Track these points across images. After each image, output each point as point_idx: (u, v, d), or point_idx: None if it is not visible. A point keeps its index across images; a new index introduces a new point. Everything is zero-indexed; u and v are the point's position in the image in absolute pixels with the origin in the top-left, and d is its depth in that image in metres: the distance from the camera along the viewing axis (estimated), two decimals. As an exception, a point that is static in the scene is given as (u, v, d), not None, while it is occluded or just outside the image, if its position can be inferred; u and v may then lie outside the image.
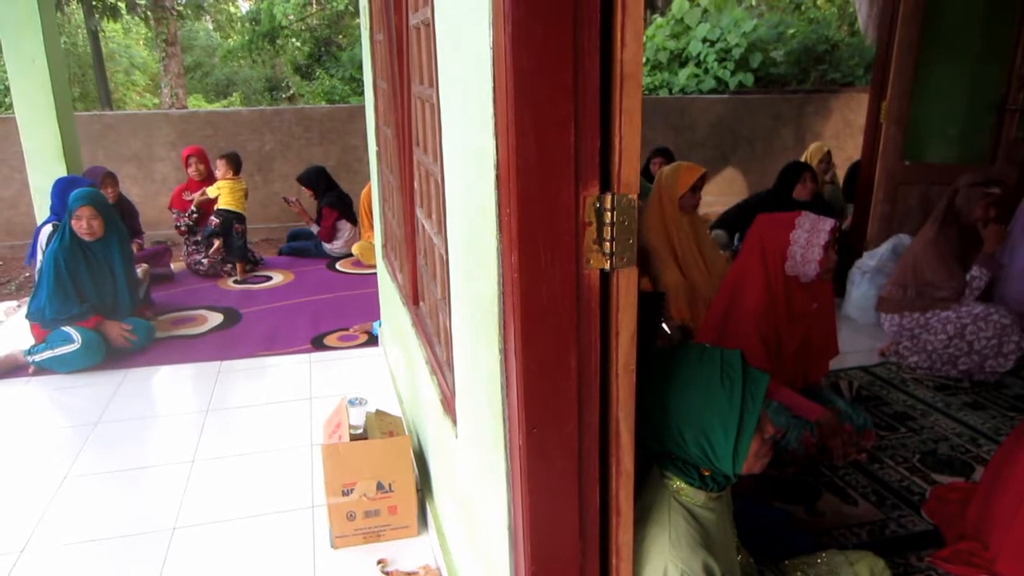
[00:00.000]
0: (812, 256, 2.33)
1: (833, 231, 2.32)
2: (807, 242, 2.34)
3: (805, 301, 2.42)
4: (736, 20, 8.42)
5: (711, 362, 1.33)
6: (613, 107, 1.04)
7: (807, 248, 2.34)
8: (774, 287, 2.39)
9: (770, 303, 2.39)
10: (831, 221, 2.34)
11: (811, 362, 2.58)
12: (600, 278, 1.10)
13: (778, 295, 2.40)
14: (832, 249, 2.34)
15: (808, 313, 2.44)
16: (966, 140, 4.24)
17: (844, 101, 7.46)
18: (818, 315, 2.48)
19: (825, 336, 2.56)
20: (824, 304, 2.49)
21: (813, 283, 2.40)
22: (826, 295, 2.49)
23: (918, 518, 2.26)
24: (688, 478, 1.39)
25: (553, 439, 1.15)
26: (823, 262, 2.32)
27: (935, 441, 2.71)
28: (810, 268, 2.34)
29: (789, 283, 2.40)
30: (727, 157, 7.29)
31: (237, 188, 5.41)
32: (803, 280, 2.38)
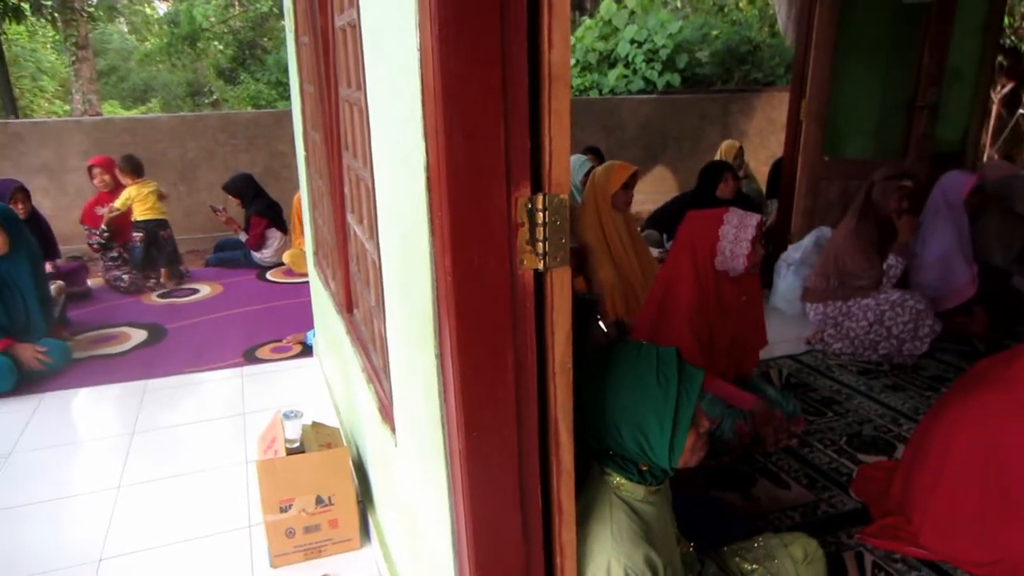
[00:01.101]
0: (740, 251, 2.40)
1: (759, 226, 2.40)
2: (735, 237, 2.41)
3: (735, 295, 2.49)
4: (662, 22, 8.60)
5: (647, 360, 1.35)
6: (542, 108, 1.05)
7: (735, 243, 2.41)
8: (705, 282, 2.45)
9: (701, 298, 2.45)
10: (757, 216, 2.42)
11: (743, 354, 2.67)
12: (534, 278, 1.10)
13: (709, 290, 2.46)
14: (759, 243, 2.42)
15: (738, 306, 2.51)
16: (880, 136, 4.43)
17: (767, 100, 7.70)
18: (747, 308, 2.56)
19: (754, 328, 2.64)
20: (752, 297, 2.57)
21: (742, 277, 2.47)
22: (754, 288, 2.57)
23: (847, 497, 2.34)
24: (627, 473, 1.41)
25: (493, 442, 1.14)
26: (751, 256, 2.40)
27: (860, 423, 2.82)
28: (739, 262, 2.41)
29: (719, 278, 2.47)
30: (656, 156, 7.43)
31: (145, 192, 5.14)
32: (732, 274, 2.45)
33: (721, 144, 5.91)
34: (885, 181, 3.44)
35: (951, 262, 3.70)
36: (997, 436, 1.91)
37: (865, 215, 3.48)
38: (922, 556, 2.04)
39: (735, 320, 2.54)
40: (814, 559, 1.72)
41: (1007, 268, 4.00)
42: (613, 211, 3.82)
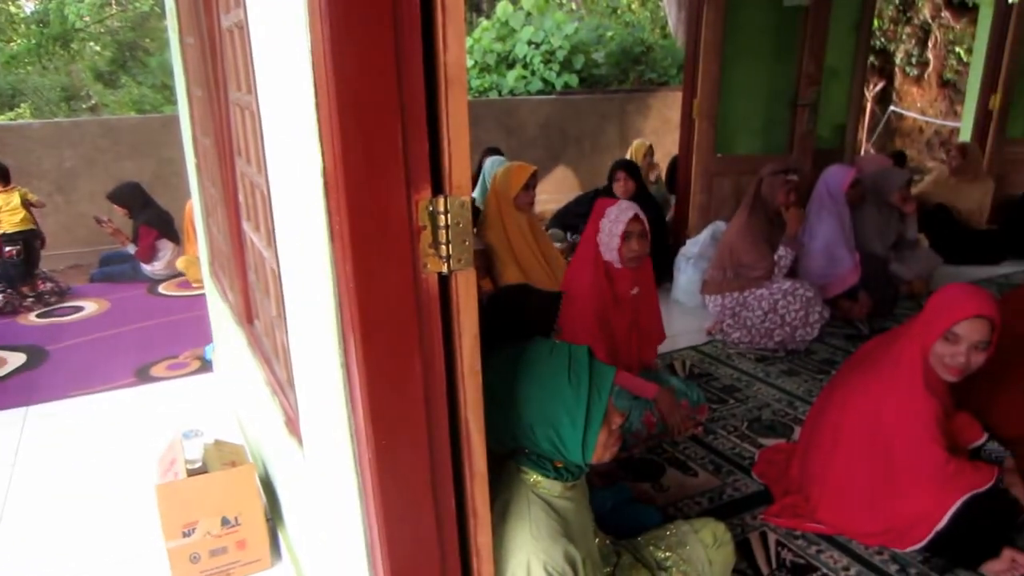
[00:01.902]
0: (613, 244, 2.51)
1: (631, 221, 2.48)
2: (609, 231, 2.52)
3: (625, 286, 2.59)
4: (558, 23, 8.72)
5: (559, 358, 1.36)
6: (440, 110, 1.04)
7: (610, 237, 2.52)
8: (598, 271, 2.56)
9: (597, 286, 2.54)
10: (631, 212, 2.50)
11: (644, 345, 2.75)
12: (439, 282, 1.09)
13: (602, 279, 2.56)
14: (636, 239, 2.50)
15: (631, 297, 2.61)
16: (767, 133, 4.65)
17: (661, 99, 7.95)
18: (641, 300, 2.66)
19: (651, 320, 2.75)
20: (644, 289, 2.67)
21: (632, 269, 2.57)
22: (645, 281, 2.68)
23: (750, 480, 2.44)
24: (543, 471, 1.42)
25: (403, 449, 1.13)
26: (622, 250, 2.50)
27: (759, 408, 2.95)
28: (613, 255, 2.52)
29: (608, 267, 2.57)
30: (558, 156, 7.53)
31: (11, 202, 4.81)
32: (616, 266, 2.55)
33: (632, 144, 6.05)
34: (772, 176, 3.61)
35: (835, 251, 3.92)
36: (881, 414, 2.04)
37: (755, 209, 3.64)
38: (820, 531, 2.15)
39: (631, 311, 2.63)
40: (722, 542, 1.79)
41: (885, 255, 4.28)
42: (516, 212, 3.85)
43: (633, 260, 2.54)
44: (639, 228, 2.51)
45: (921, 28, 11.35)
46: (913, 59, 11.34)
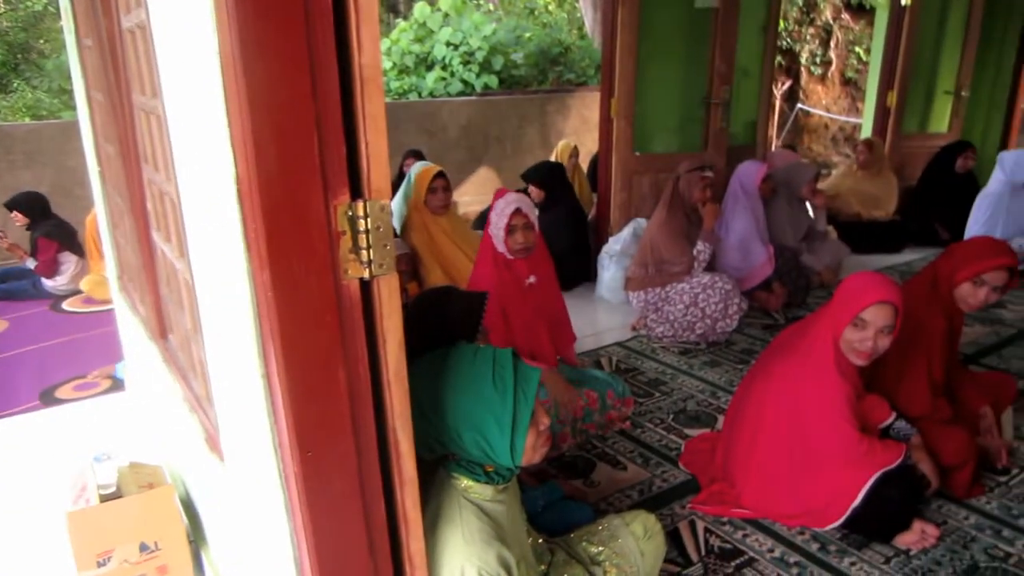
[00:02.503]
0: (500, 236, 2.60)
1: (513, 215, 2.57)
2: (496, 224, 2.62)
3: (520, 275, 2.67)
4: (476, 24, 8.73)
5: (483, 362, 1.36)
6: (356, 112, 1.02)
7: (497, 229, 2.62)
8: (496, 262, 2.66)
9: (497, 277, 2.64)
10: (513, 207, 2.58)
11: (558, 340, 2.82)
12: (361, 287, 1.07)
13: (501, 269, 2.66)
14: (520, 231, 2.59)
15: (527, 288, 2.68)
16: (683, 131, 4.77)
17: (580, 99, 8.05)
18: (542, 291, 2.74)
19: (556, 310, 2.84)
20: (543, 280, 2.74)
21: (527, 259, 2.67)
22: (543, 272, 2.75)
23: (678, 470, 2.50)
24: (474, 475, 1.41)
25: (330, 460, 1.10)
26: (508, 242, 2.59)
27: (684, 400, 3.02)
28: (502, 247, 2.61)
29: (503, 259, 2.67)
30: (480, 157, 7.54)
31: None
32: (508, 256, 2.64)
33: (557, 145, 6.10)
34: (689, 173, 3.71)
35: (750, 244, 4.06)
36: (798, 399, 2.12)
37: (674, 206, 3.73)
38: (745, 516, 2.22)
39: (532, 302, 2.69)
40: (653, 533, 1.82)
41: (797, 247, 4.46)
42: (433, 215, 3.85)
43: (520, 251, 2.64)
44: (523, 221, 2.61)
45: (823, 29, 11.88)
46: (817, 59, 11.86)
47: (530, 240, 2.64)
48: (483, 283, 2.62)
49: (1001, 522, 2.21)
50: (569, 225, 4.46)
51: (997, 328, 3.90)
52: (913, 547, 2.08)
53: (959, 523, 2.21)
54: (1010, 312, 4.16)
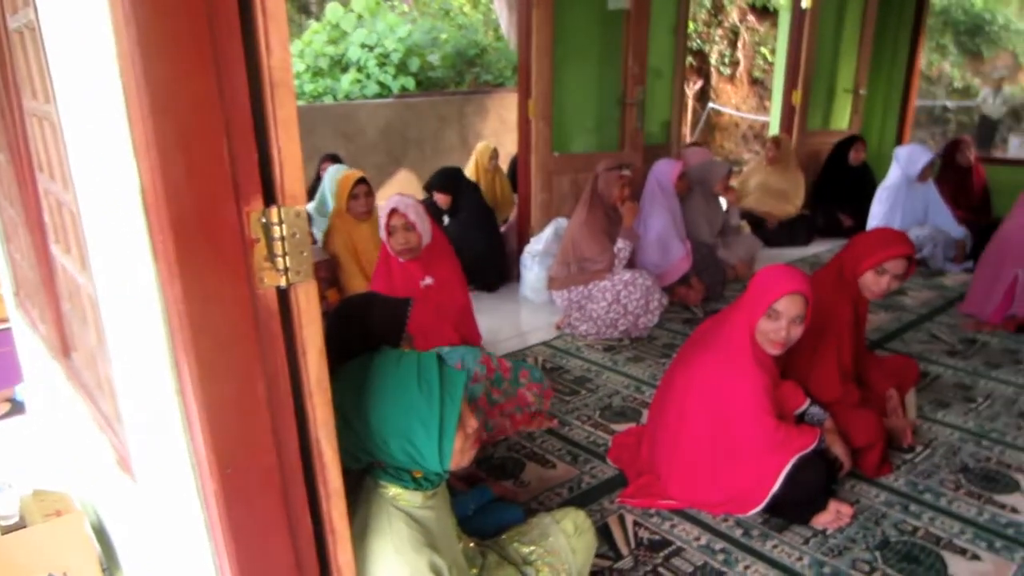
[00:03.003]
0: (384, 239, 2.71)
1: (390, 215, 2.66)
2: (382, 227, 2.71)
3: (414, 277, 2.75)
4: (391, 26, 8.64)
5: (408, 367, 1.34)
6: (267, 116, 0.99)
7: (382, 231, 2.72)
8: (389, 265, 2.77)
9: (388, 280, 2.73)
10: (389, 207, 2.66)
11: (468, 339, 2.87)
12: (278, 296, 1.04)
13: (393, 272, 2.75)
14: (400, 232, 2.67)
15: (423, 289, 2.74)
16: (600, 131, 4.85)
17: (498, 101, 8.07)
18: (442, 291, 2.79)
19: (460, 312, 2.88)
20: (441, 281, 2.80)
21: (418, 260, 2.74)
22: (441, 273, 2.81)
23: (606, 466, 2.54)
24: (402, 483, 1.39)
25: (251, 476, 1.06)
26: (390, 244, 2.69)
27: (609, 396, 3.07)
28: (391, 249, 2.70)
29: (395, 261, 2.76)
30: (399, 160, 7.46)
31: None
32: (399, 259, 2.72)
33: (476, 146, 6.09)
34: (607, 172, 3.77)
35: (669, 241, 4.16)
36: (718, 390, 2.18)
37: (594, 205, 3.78)
38: (672, 507, 2.27)
39: (431, 301, 2.73)
40: (583, 529, 1.84)
41: (713, 242, 4.59)
42: (356, 221, 3.80)
43: (405, 252, 2.70)
44: (401, 222, 2.67)
45: (731, 30, 12.31)
46: (726, 59, 12.27)
47: (412, 241, 2.69)
48: (376, 287, 2.70)
49: (908, 498, 2.34)
50: (479, 227, 4.47)
51: (899, 314, 4.13)
52: (829, 526, 2.17)
53: (871, 501, 2.32)
54: (911, 299, 4.41)
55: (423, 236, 2.73)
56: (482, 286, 4.41)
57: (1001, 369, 3.33)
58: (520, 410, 2.78)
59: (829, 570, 2.00)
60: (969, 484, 2.41)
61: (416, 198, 2.79)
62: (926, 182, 5.07)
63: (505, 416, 2.73)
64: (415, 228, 2.69)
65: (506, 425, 2.71)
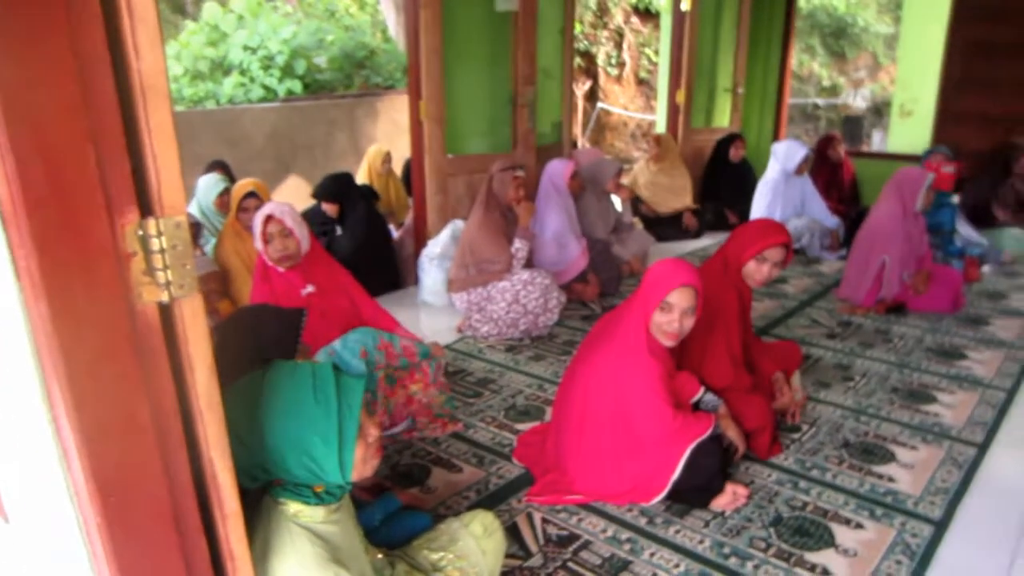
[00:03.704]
0: (260, 247, 2.63)
1: (265, 222, 2.59)
2: (255, 236, 2.64)
3: (295, 286, 2.69)
4: (274, 27, 8.36)
5: (302, 379, 1.30)
6: (140, 123, 0.94)
7: (256, 241, 2.65)
8: (268, 274, 2.70)
9: (268, 288, 2.67)
10: (264, 214, 2.60)
11: None
12: (160, 312, 0.99)
13: (273, 283, 2.69)
14: (277, 239, 2.60)
15: (305, 298, 2.69)
16: (493, 132, 4.87)
17: (390, 103, 7.97)
18: (324, 299, 2.73)
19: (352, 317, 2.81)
20: (325, 288, 2.75)
21: (297, 268, 2.67)
22: (324, 280, 2.76)
23: (512, 465, 2.55)
24: (303, 499, 1.35)
25: (138, 504, 1.00)
26: (267, 252, 2.61)
27: (513, 396, 3.09)
28: (267, 258, 2.64)
29: (274, 270, 2.68)
30: (289, 166, 7.24)
31: None
32: (279, 269, 2.66)
33: (369, 150, 5.99)
34: (501, 173, 3.79)
35: (564, 239, 4.23)
36: (618, 383, 2.23)
37: (489, 206, 3.80)
38: (579, 501, 2.31)
39: (316, 310, 2.66)
40: (492, 531, 1.84)
41: (607, 239, 4.71)
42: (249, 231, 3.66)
43: (283, 260, 2.62)
44: (278, 228, 2.60)
45: (616, 32, 12.66)
46: (613, 60, 12.61)
47: (290, 247, 2.62)
48: (257, 299, 2.60)
49: (798, 475, 2.47)
50: (368, 235, 4.40)
51: (782, 301, 4.36)
52: (727, 508, 2.27)
53: (764, 481, 2.44)
54: (791, 286, 4.67)
55: (302, 243, 2.65)
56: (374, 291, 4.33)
57: (874, 348, 3.58)
58: (434, 363, 2.77)
59: (729, 550, 2.09)
60: (851, 458, 2.58)
61: (292, 205, 2.71)
62: (802, 176, 5.39)
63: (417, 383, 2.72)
64: (293, 234, 2.62)
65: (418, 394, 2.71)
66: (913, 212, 4.00)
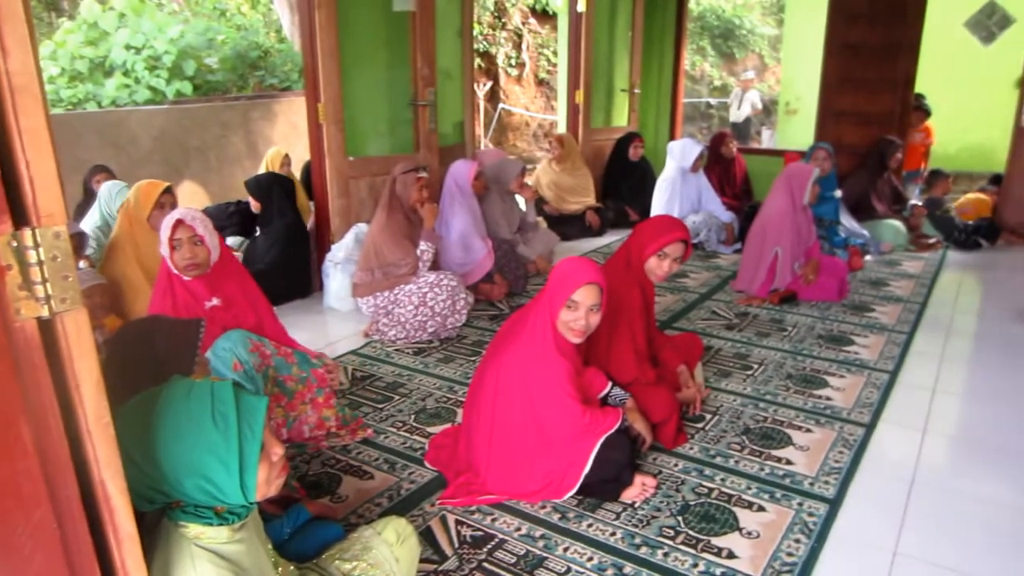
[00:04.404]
0: (166, 253, 2.50)
1: (176, 228, 2.47)
2: (161, 240, 2.51)
3: (199, 297, 2.58)
4: (159, 26, 7.98)
5: (199, 399, 1.24)
6: (9, 128, 0.87)
7: (162, 246, 2.51)
8: (172, 283, 2.56)
9: (169, 299, 2.54)
10: (174, 219, 2.48)
11: None
12: (41, 328, 0.92)
13: (176, 290, 2.55)
14: (188, 246, 2.49)
15: (209, 311, 2.58)
16: (394, 134, 4.82)
17: (287, 105, 7.75)
18: (229, 313, 2.64)
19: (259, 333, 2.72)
20: (231, 301, 2.65)
21: (204, 279, 2.56)
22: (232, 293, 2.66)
23: (424, 470, 2.53)
24: (204, 520, 1.29)
25: (21, 533, 0.94)
26: (173, 259, 2.49)
27: (423, 399, 3.07)
28: (172, 265, 2.52)
29: (180, 281, 2.56)
30: (181, 171, 6.93)
31: None
32: (184, 278, 2.55)
33: (267, 153, 5.80)
34: (404, 175, 3.76)
35: (470, 240, 4.24)
36: (527, 382, 2.25)
37: (393, 208, 3.76)
38: (492, 501, 2.31)
39: (218, 324, 2.58)
40: (406, 536, 1.82)
41: (513, 239, 4.74)
42: (153, 236, 3.47)
43: (190, 269, 2.50)
44: (188, 234, 2.48)
45: (515, 33, 12.77)
46: (512, 61, 12.71)
47: (199, 256, 2.50)
48: (155, 311, 2.46)
49: (702, 463, 2.56)
50: (287, 239, 4.30)
51: (683, 295, 4.51)
52: (637, 499, 2.33)
53: (671, 470, 2.52)
54: (692, 280, 4.84)
55: (212, 252, 2.54)
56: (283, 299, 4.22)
57: (770, 337, 3.76)
58: (322, 392, 2.70)
59: (639, 540, 2.14)
60: (751, 444, 2.69)
61: (203, 212, 2.60)
62: (697, 172, 5.60)
63: (307, 403, 2.64)
64: (203, 242, 2.50)
65: (308, 413, 2.63)
66: (802, 206, 4.22)
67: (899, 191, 6.03)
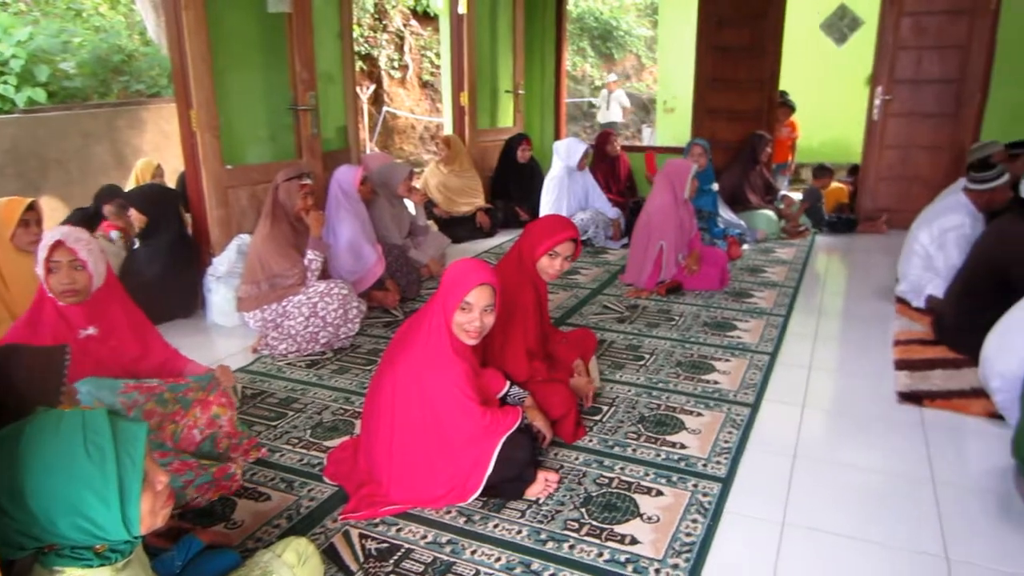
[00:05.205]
0: (42, 277, 2.32)
1: (54, 249, 2.29)
2: (38, 262, 2.32)
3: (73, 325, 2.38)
4: (4, 27, 7.38)
5: (71, 430, 1.14)
6: None
7: (39, 268, 2.32)
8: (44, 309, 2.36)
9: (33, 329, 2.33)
10: (55, 238, 2.30)
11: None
12: None
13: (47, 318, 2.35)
14: (67, 270, 2.30)
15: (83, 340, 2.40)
16: (275, 140, 4.65)
17: (156, 112, 7.34)
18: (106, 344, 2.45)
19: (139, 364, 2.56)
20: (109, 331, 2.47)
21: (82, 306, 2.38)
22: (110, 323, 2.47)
23: (324, 485, 2.45)
24: (83, 562, 1.19)
25: None
26: (49, 283, 2.31)
27: (319, 413, 2.97)
28: (48, 290, 2.33)
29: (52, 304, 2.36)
30: (39, 185, 6.42)
31: None
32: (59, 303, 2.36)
33: (137, 164, 5.46)
34: (287, 182, 3.63)
35: (360, 247, 4.15)
36: (425, 386, 2.22)
37: (277, 217, 3.63)
38: (397, 511, 2.27)
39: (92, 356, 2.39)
40: (308, 556, 1.76)
41: (403, 243, 4.68)
42: (18, 255, 3.18)
43: (68, 295, 2.31)
44: (68, 257, 2.29)
45: (397, 35, 12.63)
46: (395, 63, 12.57)
47: (79, 281, 2.31)
48: (13, 339, 2.23)
49: (602, 454, 2.61)
50: (170, 253, 4.05)
51: (575, 291, 4.59)
52: (541, 495, 2.34)
53: (572, 464, 2.55)
54: (583, 276, 4.93)
55: (94, 278, 2.34)
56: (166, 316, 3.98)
57: (659, 327, 3.88)
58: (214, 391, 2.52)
59: (545, 535, 2.16)
60: (647, 431, 2.77)
61: (88, 234, 2.39)
62: (584, 171, 5.72)
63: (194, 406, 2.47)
64: (85, 267, 2.29)
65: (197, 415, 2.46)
66: (683, 200, 4.39)
67: (770, 182, 6.39)
